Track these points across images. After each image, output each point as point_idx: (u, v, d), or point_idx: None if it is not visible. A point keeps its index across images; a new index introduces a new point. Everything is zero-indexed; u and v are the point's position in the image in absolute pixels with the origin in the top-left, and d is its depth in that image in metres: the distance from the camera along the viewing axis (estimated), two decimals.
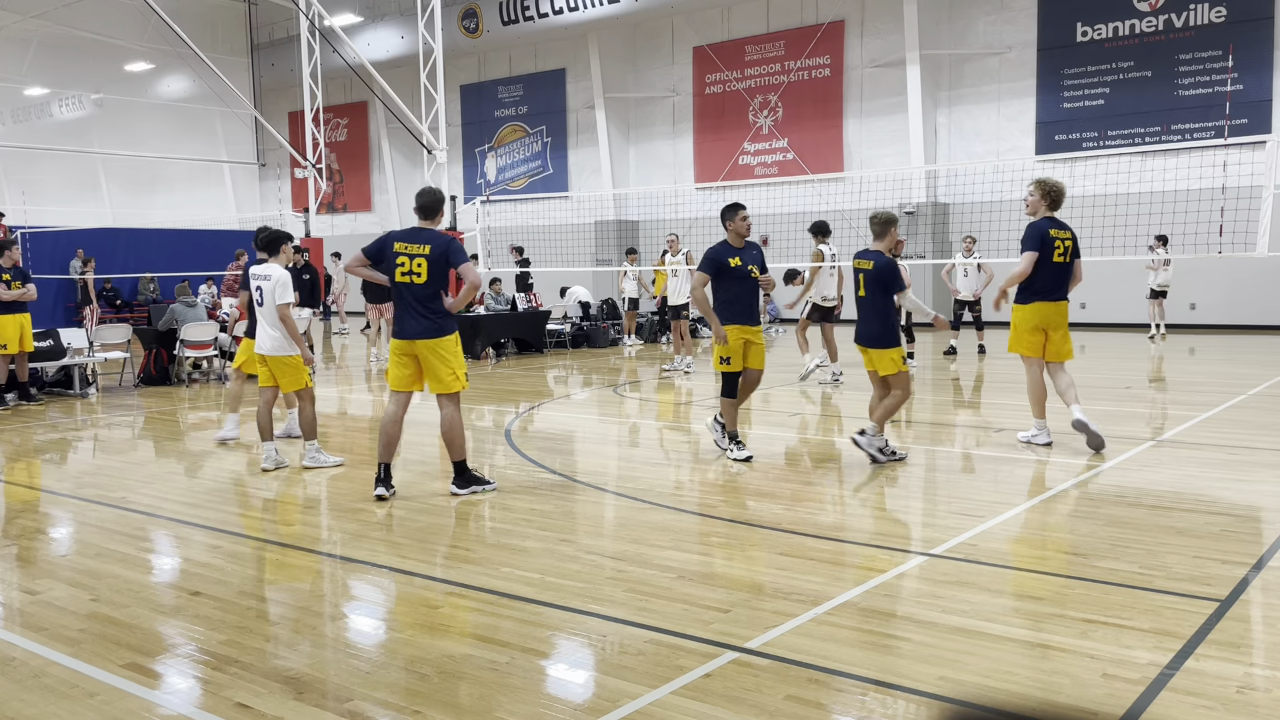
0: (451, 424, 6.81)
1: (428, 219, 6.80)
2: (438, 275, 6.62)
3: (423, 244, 6.61)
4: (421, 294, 6.62)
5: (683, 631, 4.23)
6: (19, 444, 9.33)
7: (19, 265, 12.01)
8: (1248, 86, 19.44)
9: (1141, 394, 11.30)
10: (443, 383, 6.72)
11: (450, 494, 6.85)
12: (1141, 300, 20.70)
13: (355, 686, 3.77)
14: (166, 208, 30.28)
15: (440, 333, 6.67)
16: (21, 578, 5.24)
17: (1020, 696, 3.59)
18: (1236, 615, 4.34)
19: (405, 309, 6.69)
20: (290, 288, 7.79)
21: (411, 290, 6.62)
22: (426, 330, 6.64)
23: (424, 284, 6.60)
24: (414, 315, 6.66)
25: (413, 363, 6.74)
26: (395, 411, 6.84)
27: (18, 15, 25.57)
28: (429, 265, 6.57)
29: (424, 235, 6.66)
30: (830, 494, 6.90)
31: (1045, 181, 8.14)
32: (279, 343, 7.80)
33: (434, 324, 6.65)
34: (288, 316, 7.76)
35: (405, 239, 6.67)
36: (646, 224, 27.19)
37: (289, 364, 7.84)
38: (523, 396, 12.26)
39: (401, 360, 6.75)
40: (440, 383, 6.73)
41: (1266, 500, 6.38)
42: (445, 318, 6.71)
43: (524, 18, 26.55)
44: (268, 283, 7.80)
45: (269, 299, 7.78)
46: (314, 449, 7.89)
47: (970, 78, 22.59)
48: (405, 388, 6.80)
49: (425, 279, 6.59)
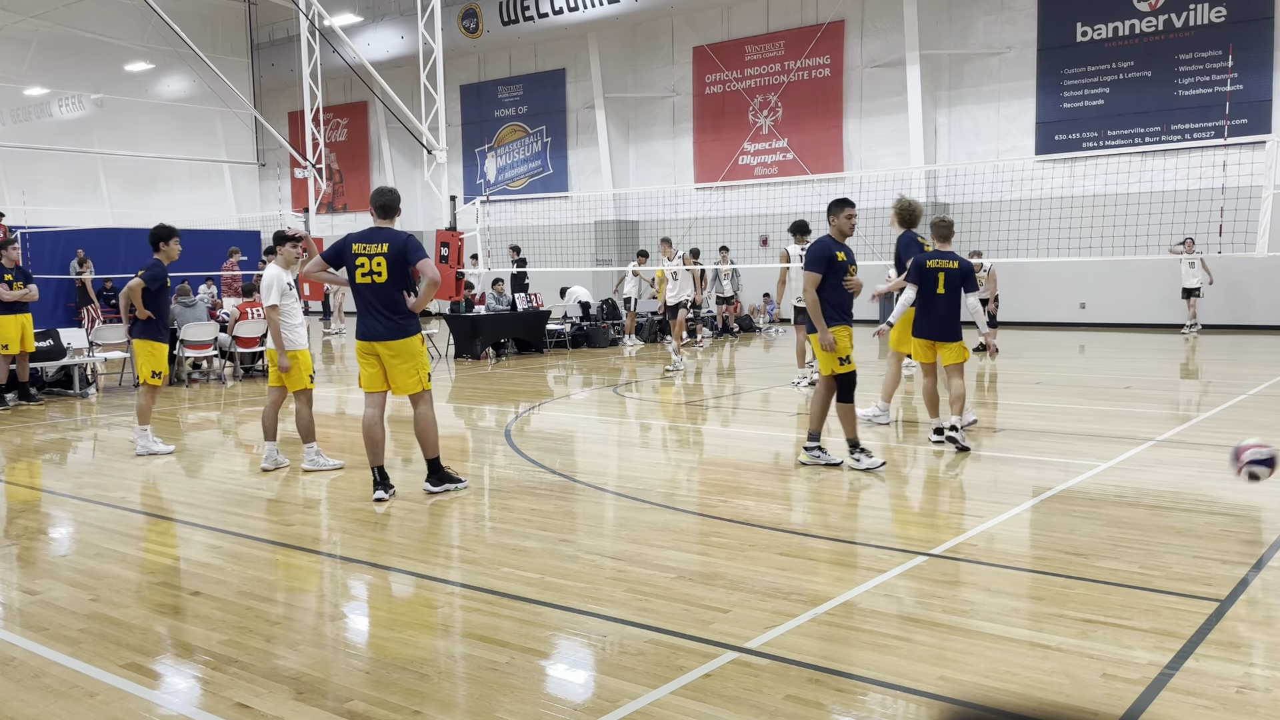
0: (424, 422, 6.77)
1: (386, 218, 6.72)
2: (399, 274, 6.54)
3: (380, 243, 6.54)
4: (383, 294, 6.55)
5: (683, 631, 4.23)
6: (19, 444, 9.33)
7: (20, 265, 12.01)
8: (1248, 86, 19.43)
9: (1141, 394, 11.29)
10: (403, 386, 6.67)
11: (425, 492, 6.86)
12: (1142, 300, 20.74)
13: (355, 686, 3.77)
14: (166, 208, 30.24)
15: (401, 333, 6.59)
16: (21, 578, 5.24)
17: (1020, 696, 3.59)
18: (1236, 615, 4.34)
19: (366, 310, 6.61)
20: (273, 290, 7.75)
21: (373, 290, 6.56)
22: (387, 331, 6.57)
23: (385, 283, 6.53)
24: (375, 316, 6.58)
25: (378, 362, 6.68)
26: (373, 413, 6.79)
27: (18, 15, 25.57)
28: (388, 264, 6.50)
29: (382, 234, 6.59)
30: (830, 494, 6.90)
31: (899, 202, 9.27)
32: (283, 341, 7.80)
33: (395, 324, 6.58)
34: (273, 319, 7.75)
35: (363, 239, 6.60)
36: (646, 224, 27.19)
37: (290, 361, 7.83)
38: (523, 396, 12.26)
39: (367, 360, 6.71)
40: (401, 386, 6.67)
41: (1266, 500, 6.38)
42: (407, 318, 6.63)
43: (524, 18, 26.55)
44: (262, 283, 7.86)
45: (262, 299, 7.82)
46: (313, 451, 7.89)
47: (970, 78, 22.58)
48: (377, 388, 6.75)
49: (386, 278, 6.52)
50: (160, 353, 8.72)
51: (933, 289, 8.24)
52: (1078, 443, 8.21)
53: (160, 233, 8.60)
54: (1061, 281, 20.81)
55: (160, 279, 8.56)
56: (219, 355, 14.45)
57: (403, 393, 6.71)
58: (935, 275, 8.21)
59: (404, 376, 6.65)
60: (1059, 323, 21.36)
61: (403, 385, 6.68)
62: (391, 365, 6.64)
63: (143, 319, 8.56)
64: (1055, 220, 18.83)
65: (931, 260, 8.27)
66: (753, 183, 25.19)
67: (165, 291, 8.67)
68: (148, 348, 8.66)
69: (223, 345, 14.20)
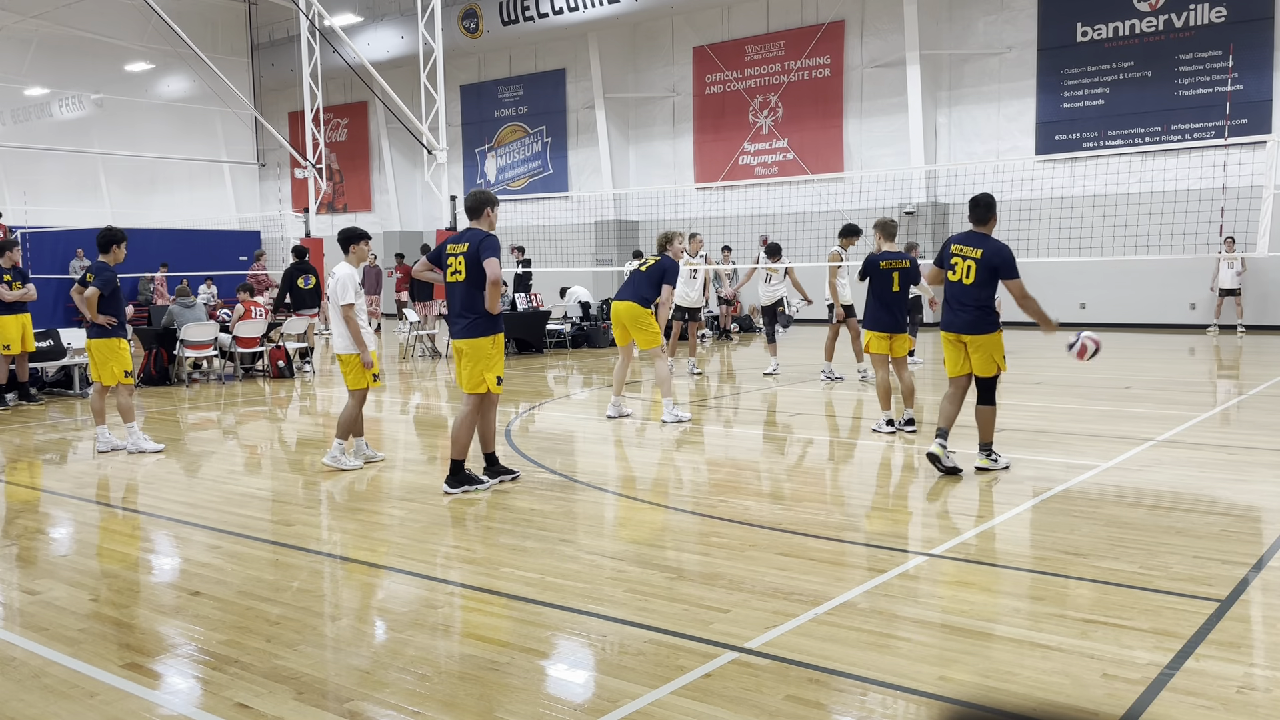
0: (461, 423, 6.87)
1: (473, 219, 6.91)
2: (475, 273, 6.66)
3: (463, 243, 6.71)
4: (462, 293, 6.72)
5: (683, 631, 4.23)
6: (19, 444, 9.33)
7: (19, 266, 12.02)
8: (1248, 86, 19.43)
9: (1141, 394, 11.29)
10: (469, 382, 6.79)
11: (442, 493, 6.87)
12: (1143, 300, 20.72)
13: (355, 686, 3.77)
14: (166, 208, 30.29)
15: (477, 332, 6.71)
16: (21, 578, 5.24)
17: (1020, 696, 3.59)
18: (1236, 615, 4.34)
19: (453, 308, 6.83)
20: (349, 288, 7.68)
21: (456, 289, 6.75)
22: (465, 329, 6.75)
23: (464, 282, 6.70)
24: (457, 314, 6.79)
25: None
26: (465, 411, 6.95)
27: (18, 15, 25.58)
28: (467, 263, 6.66)
29: (466, 235, 6.79)
30: (830, 494, 6.90)
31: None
32: (342, 341, 7.80)
33: (471, 323, 6.73)
34: (350, 317, 7.70)
35: (454, 240, 6.80)
36: (646, 224, 27.18)
37: (350, 362, 7.83)
38: (523, 396, 12.26)
39: (457, 358, 6.88)
40: (468, 382, 6.79)
41: (1266, 500, 6.38)
42: (483, 317, 6.73)
43: (524, 18, 26.54)
44: (332, 280, 7.78)
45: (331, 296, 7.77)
46: (339, 448, 7.85)
47: (970, 78, 22.58)
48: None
49: (465, 276, 6.68)
50: (124, 350, 8.80)
51: (888, 286, 8.94)
52: (1078, 443, 8.21)
53: (113, 236, 8.77)
54: (1061, 281, 20.79)
55: (112, 283, 8.76)
56: (219, 355, 14.46)
57: (468, 389, 6.81)
58: (890, 274, 8.94)
59: (470, 375, 6.78)
60: (1059, 323, 21.36)
61: (469, 380, 6.80)
62: (466, 361, 6.79)
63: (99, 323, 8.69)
64: (1055, 220, 18.83)
65: (885, 261, 8.97)
66: (753, 183, 25.19)
67: (118, 293, 8.85)
68: (110, 347, 8.72)
69: (223, 345, 14.20)
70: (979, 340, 7.11)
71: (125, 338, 8.93)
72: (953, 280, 7.20)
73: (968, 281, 7.10)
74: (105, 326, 8.69)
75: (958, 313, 7.16)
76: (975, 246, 7.12)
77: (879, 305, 8.96)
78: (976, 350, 7.13)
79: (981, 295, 7.11)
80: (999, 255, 7.04)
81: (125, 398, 8.74)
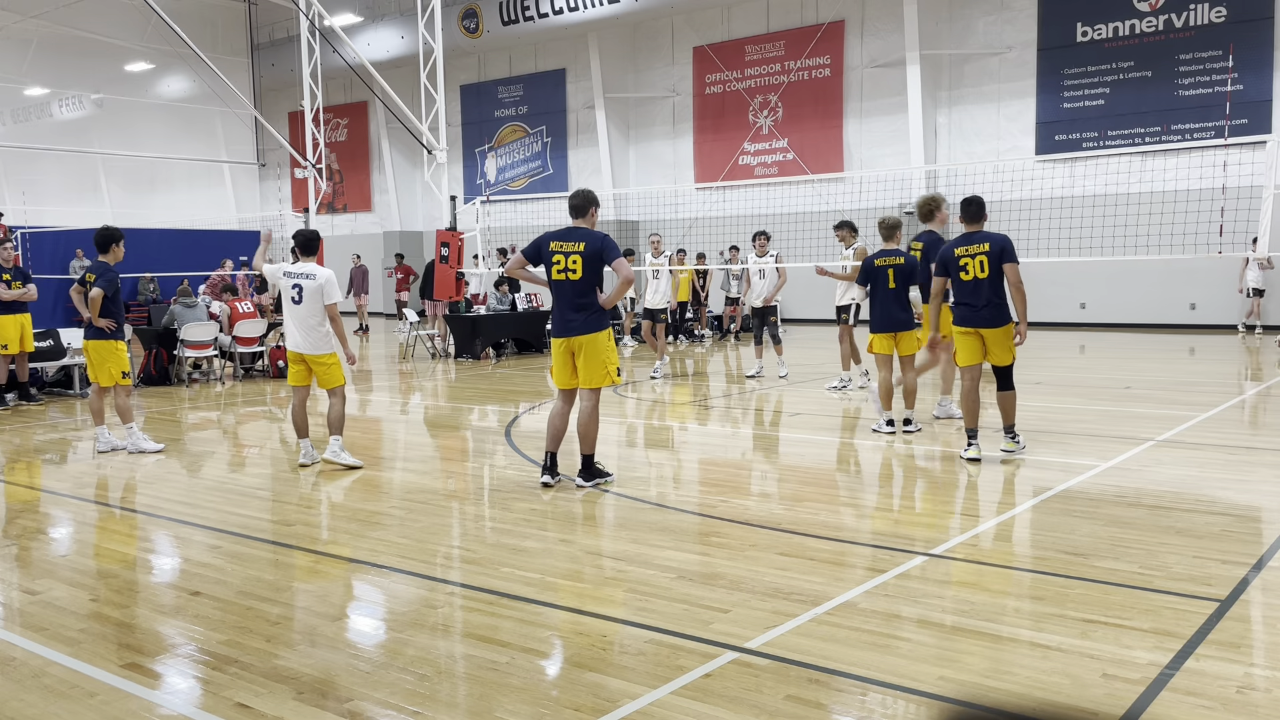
0: (589, 417, 6.98)
1: (580, 218, 7.00)
2: (592, 272, 6.80)
3: (577, 241, 6.81)
4: (577, 290, 6.81)
5: (683, 631, 4.23)
6: (19, 444, 9.33)
7: (19, 265, 12.02)
8: (1248, 86, 19.43)
9: (1141, 394, 11.29)
10: (593, 377, 6.88)
11: (576, 486, 6.99)
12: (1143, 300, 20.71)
13: (355, 686, 3.77)
14: (166, 208, 30.25)
15: (594, 327, 6.83)
16: (21, 578, 5.24)
17: (1020, 696, 3.59)
18: (1236, 615, 4.34)
19: (562, 306, 6.89)
20: (338, 287, 7.84)
21: (568, 287, 6.81)
22: (582, 325, 6.82)
23: (579, 280, 6.79)
24: (571, 311, 6.85)
25: (570, 359, 6.91)
26: (562, 407, 7.07)
27: (18, 15, 25.55)
28: (584, 262, 6.77)
29: (579, 233, 6.87)
30: (830, 494, 6.90)
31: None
32: (316, 342, 7.82)
33: (587, 319, 6.83)
34: (336, 315, 7.80)
35: (560, 238, 6.88)
36: (646, 224, 27.18)
37: (325, 362, 7.86)
38: (523, 396, 12.26)
39: (563, 359, 6.94)
40: (591, 377, 6.88)
41: (1266, 500, 6.38)
42: (599, 313, 6.88)
43: (524, 18, 26.54)
44: (311, 282, 7.78)
45: (309, 298, 7.78)
46: (338, 444, 7.89)
47: (970, 78, 22.58)
48: (566, 384, 7.00)
49: (580, 275, 6.78)
50: (122, 351, 8.82)
51: (884, 285, 8.90)
52: (1078, 443, 8.21)
53: (111, 235, 8.74)
54: (1062, 281, 20.79)
55: (115, 284, 8.74)
56: (218, 355, 14.45)
57: (590, 384, 6.90)
58: (885, 272, 8.87)
59: (592, 370, 6.86)
60: (1059, 323, 21.34)
61: (590, 378, 6.89)
62: (586, 358, 6.86)
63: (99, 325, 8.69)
64: (1055, 220, 18.81)
65: (880, 259, 8.92)
66: (753, 183, 25.19)
67: (118, 295, 8.83)
68: (108, 348, 8.73)
69: (222, 345, 14.20)
70: (997, 333, 7.56)
71: (123, 339, 8.93)
72: (966, 280, 7.61)
73: (983, 276, 7.53)
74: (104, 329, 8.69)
75: (978, 310, 7.58)
76: (980, 242, 7.59)
77: (878, 305, 8.99)
78: (995, 342, 7.59)
79: (996, 287, 7.54)
80: (1004, 242, 7.56)
81: (123, 399, 8.74)
